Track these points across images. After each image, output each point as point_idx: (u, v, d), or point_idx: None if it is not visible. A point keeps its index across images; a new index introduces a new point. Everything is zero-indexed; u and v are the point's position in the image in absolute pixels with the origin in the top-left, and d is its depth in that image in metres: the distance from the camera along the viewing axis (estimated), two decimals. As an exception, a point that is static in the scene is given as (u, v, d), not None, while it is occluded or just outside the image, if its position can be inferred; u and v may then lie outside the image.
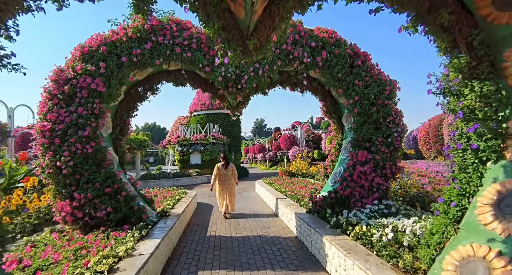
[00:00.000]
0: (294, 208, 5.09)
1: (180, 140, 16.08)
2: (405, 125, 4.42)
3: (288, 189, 7.11)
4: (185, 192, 7.69)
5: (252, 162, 40.02)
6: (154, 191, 7.91)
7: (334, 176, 4.96)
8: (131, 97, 4.84)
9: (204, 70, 4.31)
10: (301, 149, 13.85)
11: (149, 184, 12.94)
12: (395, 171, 4.31)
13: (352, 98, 4.40)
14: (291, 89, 5.53)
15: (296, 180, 9.42)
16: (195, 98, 19.11)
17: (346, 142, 4.92)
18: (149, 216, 4.30)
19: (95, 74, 3.78)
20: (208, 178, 15.27)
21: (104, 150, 3.87)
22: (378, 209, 3.86)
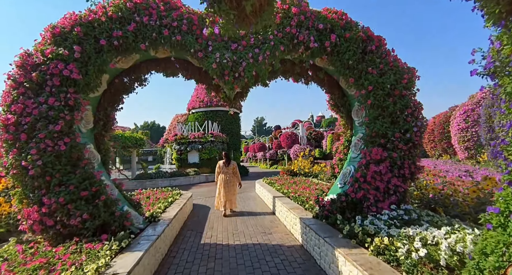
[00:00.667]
0: (299, 212, 4.58)
1: (177, 138, 15.56)
2: (425, 119, 3.89)
3: (290, 190, 6.60)
4: (180, 193, 7.18)
5: (252, 161, 39.51)
6: (147, 192, 7.40)
7: (343, 177, 4.44)
8: (116, 88, 4.31)
9: (196, 56, 3.77)
10: (303, 148, 13.33)
11: (144, 184, 12.43)
12: (415, 171, 3.79)
13: (365, 88, 3.87)
14: (295, 80, 4.99)
15: (298, 179, 8.91)
16: (193, 95, 18.57)
17: (357, 139, 4.40)
18: (134, 223, 3.78)
19: (68, 59, 3.25)
20: (206, 177, 14.78)
21: (80, 147, 3.35)
22: (397, 215, 3.34)
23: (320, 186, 6.96)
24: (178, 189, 7.82)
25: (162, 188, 7.78)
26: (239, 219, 5.88)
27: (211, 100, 17.59)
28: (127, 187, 12.62)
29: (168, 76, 4.61)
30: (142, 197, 6.57)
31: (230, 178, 6.42)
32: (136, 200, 4.40)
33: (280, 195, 6.58)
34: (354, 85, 4.04)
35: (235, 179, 6.56)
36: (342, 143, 4.89)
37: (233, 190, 6.41)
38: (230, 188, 6.35)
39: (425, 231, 2.68)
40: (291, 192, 6.35)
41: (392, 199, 3.69)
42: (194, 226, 5.40)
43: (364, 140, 4.00)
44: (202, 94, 17.95)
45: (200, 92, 18.13)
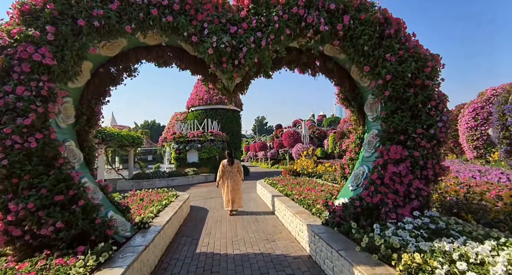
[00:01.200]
0: (305, 217, 4.11)
1: (176, 137, 15.12)
2: (450, 113, 3.42)
3: (294, 192, 6.14)
4: (176, 195, 6.73)
5: (253, 160, 39.06)
6: (141, 193, 6.96)
7: (355, 178, 3.97)
8: (101, 79, 3.85)
9: (190, 40, 3.31)
10: (305, 146, 12.86)
11: (141, 184, 12.00)
12: (439, 172, 3.32)
13: (382, 77, 3.40)
14: (301, 71, 4.52)
15: (302, 180, 8.45)
16: (193, 92, 18.12)
17: (371, 136, 3.93)
18: (119, 231, 3.33)
19: (40, 41, 2.79)
20: (206, 177, 14.35)
21: (56, 145, 2.89)
22: (422, 223, 2.88)
23: (326, 188, 6.50)
24: (175, 190, 7.37)
25: (157, 190, 7.32)
26: (239, 223, 5.43)
27: (210, 98, 17.14)
28: (123, 187, 12.20)
29: (160, 66, 4.15)
30: (135, 199, 6.13)
31: (234, 177, 6.41)
32: (124, 204, 3.94)
33: (283, 197, 6.12)
34: (369, 74, 3.56)
35: (240, 178, 6.54)
36: (353, 141, 4.41)
37: (237, 189, 6.37)
38: (235, 187, 6.30)
39: (463, 245, 2.22)
40: (295, 194, 5.89)
41: (413, 204, 3.22)
42: (190, 232, 4.94)
43: (380, 137, 3.53)
44: (201, 92, 17.50)
45: (200, 90, 17.68)
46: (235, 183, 6.35)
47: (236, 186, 6.36)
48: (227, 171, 6.44)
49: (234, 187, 6.32)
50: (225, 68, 3.34)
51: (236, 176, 6.46)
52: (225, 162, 6.53)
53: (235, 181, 6.39)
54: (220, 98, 17.22)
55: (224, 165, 6.50)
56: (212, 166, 15.14)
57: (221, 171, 6.46)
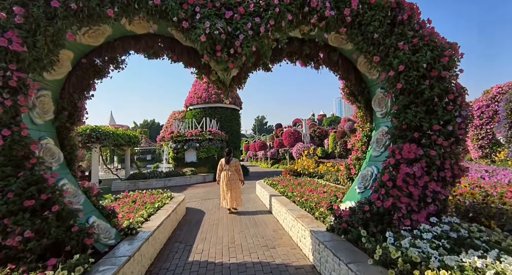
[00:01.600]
0: (308, 222, 3.78)
1: (173, 136, 14.78)
2: (470, 107, 3.09)
3: (295, 193, 5.80)
4: (171, 196, 6.39)
5: (252, 160, 38.73)
6: (135, 194, 6.63)
7: (362, 179, 3.63)
8: (84, 71, 3.50)
9: (180, 27, 2.97)
10: (306, 146, 12.53)
11: (137, 184, 11.67)
12: (458, 174, 2.98)
13: (394, 68, 3.06)
14: (303, 64, 4.19)
15: (302, 180, 8.12)
16: (191, 91, 17.77)
17: (380, 133, 3.59)
18: (101, 239, 3.00)
19: (6, 24, 2.45)
20: (204, 177, 14.03)
21: (27, 143, 2.55)
22: (442, 231, 2.54)
23: (329, 189, 6.17)
24: (170, 191, 7.04)
25: (151, 191, 6.98)
26: (237, 227, 5.09)
27: (209, 97, 16.80)
28: (119, 188, 11.86)
29: (150, 57, 3.81)
30: (127, 201, 5.80)
31: (232, 176, 6.38)
32: (110, 208, 3.60)
33: (284, 198, 5.79)
34: (379, 65, 3.22)
35: (238, 177, 6.51)
36: (360, 139, 4.07)
37: (235, 188, 6.35)
38: (233, 186, 6.30)
39: (497, 261, 1.88)
40: (297, 195, 5.56)
41: (430, 209, 2.88)
42: (184, 237, 4.61)
43: (391, 135, 3.18)
44: (200, 90, 17.15)
45: (198, 88, 17.34)
46: (233, 182, 6.32)
47: (234, 185, 6.31)
48: (225, 170, 6.43)
49: (233, 187, 6.29)
50: (219, 58, 3.00)
51: (234, 175, 6.42)
52: (222, 161, 6.52)
53: (233, 180, 6.35)
54: (219, 97, 16.87)
55: (222, 164, 6.50)
56: (210, 166, 14.82)
57: (219, 170, 6.51)
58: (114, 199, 6.24)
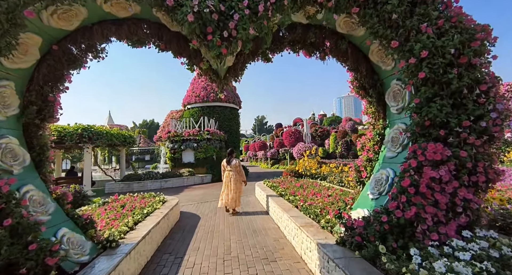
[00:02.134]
0: (313, 232, 3.33)
1: (170, 135, 14.32)
2: (507, 101, 2.64)
3: (298, 197, 5.36)
4: (163, 200, 5.94)
5: (252, 160, 38.28)
6: (125, 198, 6.18)
7: (376, 184, 3.18)
8: (56, 60, 3.05)
9: (164, 5, 2.52)
10: (308, 146, 12.09)
11: (132, 186, 11.21)
12: (493, 178, 2.53)
13: (415, 55, 2.61)
14: (307, 54, 3.75)
15: (305, 182, 7.67)
16: (189, 89, 17.33)
17: (397, 131, 3.14)
18: (71, 255, 2.54)
19: None
20: (202, 178, 13.58)
21: (-24, 142, 2.10)
22: (480, 249, 2.09)
23: (333, 192, 5.72)
24: (163, 194, 6.59)
25: (143, 194, 6.52)
26: (234, 235, 4.64)
27: (207, 95, 16.35)
28: (112, 189, 11.37)
29: (134, 45, 3.38)
30: (115, 206, 5.35)
31: (233, 176, 6.35)
32: (87, 217, 3.14)
33: (285, 202, 5.34)
34: (397, 51, 2.77)
35: (239, 177, 6.45)
36: (372, 138, 3.62)
37: (235, 189, 6.28)
38: (233, 186, 6.25)
39: None
40: (299, 199, 5.11)
41: (460, 221, 2.43)
42: (175, 247, 4.16)
43: (411, 133, 2.73)
44: (198, 89, 16.71)
45: (196, 87, 16.90)
46: (233, 183, 6.28)
47: (235, 185, 6.26)
48: (227, 170, 6.46)
49: (233, 187, 6.25)
50: (210, 42, 2.55)
51: (236, 175, 6.38)
52: (224, 161, 6.59)
53: (234, 180, 6.31)
54: (218, 95, 16.42)
55: (224, 164, 6.58)
56: (209, 167, 14.37)
57: (222, 171, 6.61)
58: (102, 203, 5.79)
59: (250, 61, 3.61)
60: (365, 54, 3.57)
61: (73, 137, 9.62)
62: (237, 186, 6.30)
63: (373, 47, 3.35)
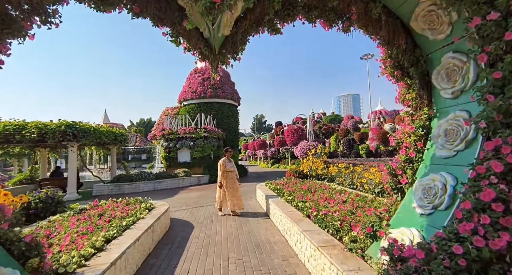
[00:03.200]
0: (339, 257, 2.50)
1: (165, 133, 13.47)
2: None
3: (308, 204, 4.54)
4: (151, 208, 5.10)
5: (251, 159, 37.45)
6: (107, 204, 5.34)
7: (425, 194, 2.35)
8: (-16, 22, 2.20)
9: None
10: (312, 144, 11.27)
11: (122, 188, 10.35)
12: None
13: (498, 7, 1.78)
14: (326, 24, 2.91)
15: (311, 184, 6.85)
16: (185, 85, 16.45)
17: (456, 122, 2.30)
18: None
19: None
20: (198, 179, 12.75)
21: None
22: None
23: (348, 197, 4.90)
24: (151, 200, 5.76)
25: (130, 199, 5.66)
26: (232, 251, 3.81)
27: (205, 91, 15.49)
28: (101, 192, 10.47)
29: (99, 9, 2.56)
30: (92, 214, 4.51)
31: (235, 175, 6.16)
32: (31, 240, 2.29)
33: (293, 210, 4.52)
34: (467, 3, 1.93)
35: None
36: (413, 131, 2.78)
37: (238, 188, 6.12)
38: (235, 186, 6.05)
39: None
40: (311, 207, 4.28)
41: None
42: (159, 269, 3.32)
43: (488, 122, 1.89)
44: (194, 84, 15.84)
45: (193, 82, 16.03)
46: (235, 183, 6.06)
47: (236, 185, 6.07)
48: (228, 171, 6.07)
49: (237, 187, 6.09)
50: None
51: (234, 175, 6.15)
52: (222, 160, 6.15)
53: (235, 180, 6.10)
54: (216, 91, 15.55)
55: (222, 164, 6.09)
56: (206, 166, 13.53)
57: (221, 172, 6.10)
58: (79, 210, 4.95)
59: (253, 32, 2.81)
60: (404, 23, 2.73)
61: (55, 134, 8.74)
62: (238, 186, 6.13)
63: (418, 10, 2.51)
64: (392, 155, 23.85)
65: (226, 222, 5.44)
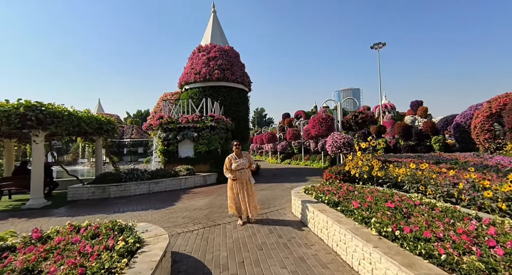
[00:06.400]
0: None
1: (163, 122, 11.04)
2: None
3: (410, 245, 2.18)
4: (136, 248, 2.72)
5: (256, 153, 35.13)
6: (58, 236, 2.98)
7: None
8: None
9: None
10: (347, 136, 8.95)
11: (108, 191, 7.99)
12: None
13: None
14: None
15: (380, 194, 4.51)
16: (187, 66, 13.94)
17: None
18: None
19: None
20: (205, 179, 10.41)
21: None
22: None
23: (466, 223, 2.54)
24: (137, 232, 3.41)
25: (104, 221, 3.27)
26: None
27: (210, 72, 12.99)
28: (79, 196, 7.43)
29: None
30: (13, 267, 2.14)
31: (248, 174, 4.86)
32: None
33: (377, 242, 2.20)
34: None
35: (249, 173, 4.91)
36: None
37: (252, 190, 4.91)
38: (251, 188, 4.87)
39: None
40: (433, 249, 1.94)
41: None
42: None
43: None
44: (198, 64, 13.32)
45: (196, 62, 13.51)
46: (248, 182, 4.84)
47: (249, 185, 4.86)
48: (239, 170, 4.80)
49: (251, 189, 4.88)
50: None
51: (248, 173, 4.89)
52: (230, 156, 4.91)
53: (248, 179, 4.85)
54: (224, 74, 13.05)
55: (230, 160, 4.85)
56: (213, 163, 11.17)
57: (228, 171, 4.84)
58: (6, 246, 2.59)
59: None
60: None
61: (10, 119, 6.30)
62: (253, 187, 4.94)
63: None
64: (414, 151, 21.64)
65: (268, 261, 3.13)
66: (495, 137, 16.85)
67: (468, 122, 20.55)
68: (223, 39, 15.23)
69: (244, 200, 4.77)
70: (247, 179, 4.84)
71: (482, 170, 5.99)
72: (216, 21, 15.50)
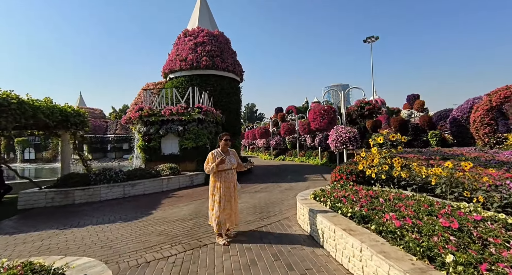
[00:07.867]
0: None
1: (143, 114, 9.63)
2: None
3: None
4: None
5: (248, 149, 33.92)
6: None
7: None
8: None
9: None
10: (353, 130, 7.89)
11: (72, 196, 6.60)
12: None
13: None
14: None
15: (412, 203, 3.41)
16: (172, 52, 12.46)
17: None
18: None
19: None
20: (191, 179, 9.10)
21: None
22: None
23: None
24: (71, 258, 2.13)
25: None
26: None
27: (198, 59, 11.59)
28: (34, 203, 5.61)
29: None
30: None
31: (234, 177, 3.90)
32: None
33: None
34: None
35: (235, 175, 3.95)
36: None
37: (236, 196, 3.93)
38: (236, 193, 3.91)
39: None
40: None
41: None
42: None
43: None
44: (184, 50, 11.88)
45: (182, 48, 12.06)
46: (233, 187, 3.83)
47: (234, 191, 3.87)
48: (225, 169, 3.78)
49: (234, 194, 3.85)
50: None
51: (234, 175, 3.91)
52: (214, 152, 3.83)
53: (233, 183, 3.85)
54: (213, 61, 11.67)
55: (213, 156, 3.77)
56: (201, 160, 9.87)
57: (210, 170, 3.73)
58: None
59: None
60: None
61: None
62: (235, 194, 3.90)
63: None
64: (411, 146, 21.00)
65: None
66: (495, 131, 16.24)
67: (465, 116, 20.01)
68: (212, 23, 13.78)
69: (230, 209, 3.80)
70: (235, 182, 3.90)
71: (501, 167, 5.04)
72: (205, 3, 14.00)
